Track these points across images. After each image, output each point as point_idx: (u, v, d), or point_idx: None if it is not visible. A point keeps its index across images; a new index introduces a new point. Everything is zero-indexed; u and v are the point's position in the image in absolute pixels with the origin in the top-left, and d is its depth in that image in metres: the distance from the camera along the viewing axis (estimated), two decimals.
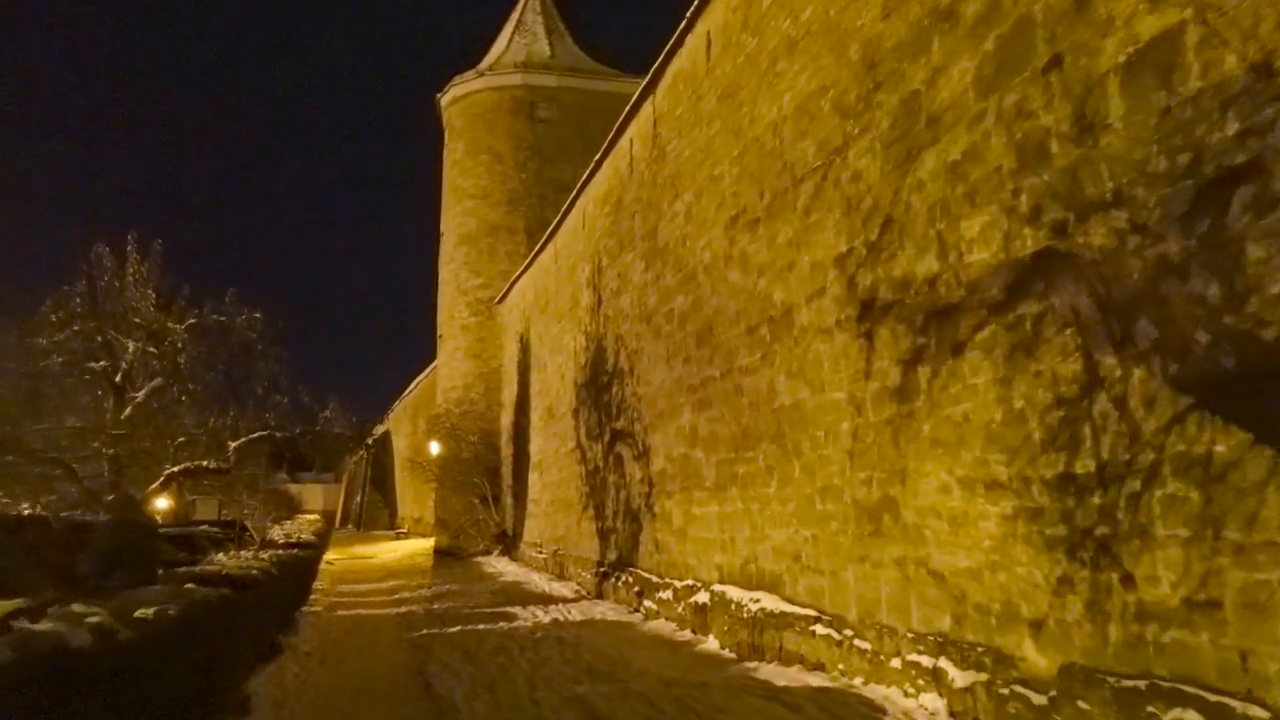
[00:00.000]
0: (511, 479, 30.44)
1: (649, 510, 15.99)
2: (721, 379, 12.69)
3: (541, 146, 34.76)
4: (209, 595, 5.78)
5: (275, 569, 9.89)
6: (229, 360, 19.48)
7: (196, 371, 19.13)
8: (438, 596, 20.83)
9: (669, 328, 15.12)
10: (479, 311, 34.33)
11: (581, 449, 21.21)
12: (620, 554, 17.77)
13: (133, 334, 19.37)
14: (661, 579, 14.98)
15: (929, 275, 7.79)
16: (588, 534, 20.40)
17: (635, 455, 16.89)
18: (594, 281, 20.50)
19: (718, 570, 12.65)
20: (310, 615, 17.74)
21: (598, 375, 19.83)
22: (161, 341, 18.82)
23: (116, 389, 19.17)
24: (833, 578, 9.36)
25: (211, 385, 19.67)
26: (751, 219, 11.78)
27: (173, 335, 18.43)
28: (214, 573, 7.50)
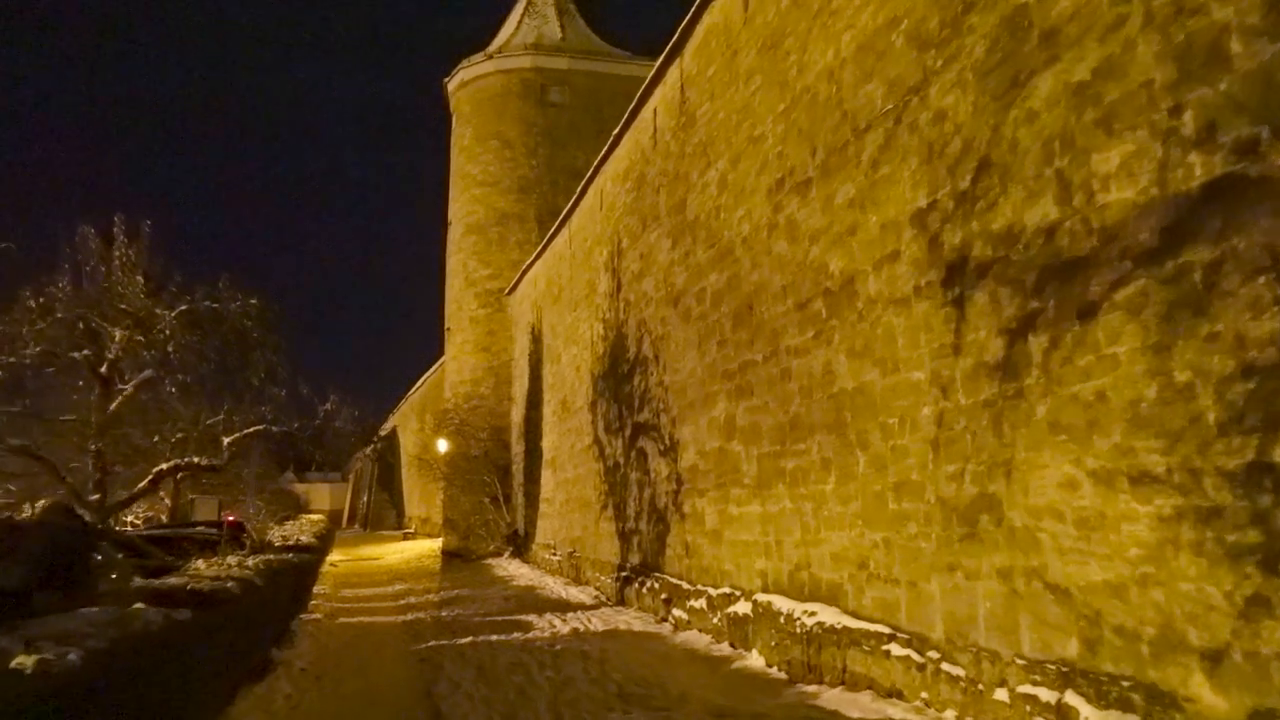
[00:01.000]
0: (523, 477, 29.09)
1: (677, 510, 14.62)
2: (764, 363, 11.32)
3: (553, 131, 33.40)
4: (155, 622, 4.46)
5: (261, 579, 8.54)
6: (222, 350, 18.13)
7: (187, 362, 17.78)
8: (447, 602, 19.52)
9: (700, 309, 13.75)
10: (488, 303, 32.97)
11: (599, 444, 19.86)
12: (644, 558, 16.41)
13: (120, 321, 18.05)
14: (693, 586, 13.61)
15: (1044, 224, 6.41)
16: (607, 535, 19.05)
17: (661, 450, 15.52)
18: (613, 265, 19.14)
19: (760, 577, 11.28)
20: (309, 624, 16.43)
21: (618, 365, 18.47)
22: (150, 329, 17.49)
23: (102, 380, 17.86)
24: (911, 589, 7.98)
25: (204, 377, 18.32)
26: (801, 181, 10.40)
27: (162, 322, 17.08)
28: (177, 587, 6.17)
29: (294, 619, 15.89)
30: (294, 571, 12.46)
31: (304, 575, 14.75)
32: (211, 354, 17.78)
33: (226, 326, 18.18)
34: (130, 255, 18.55)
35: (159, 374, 18.81)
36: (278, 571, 10.63)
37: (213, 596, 6.25)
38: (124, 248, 18.49)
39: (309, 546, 17.62)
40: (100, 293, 18.17)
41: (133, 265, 18.54)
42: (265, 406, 18.48)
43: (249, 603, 7.30)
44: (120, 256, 18.40)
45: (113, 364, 18.17)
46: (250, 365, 18.36)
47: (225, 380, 18.59)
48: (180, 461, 17.60)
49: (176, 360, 17.48)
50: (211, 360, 17.79)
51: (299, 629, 15.30)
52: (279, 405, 18.69)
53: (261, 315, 18.46)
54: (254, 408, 18.54)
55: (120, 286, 18.13)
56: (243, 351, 18.26)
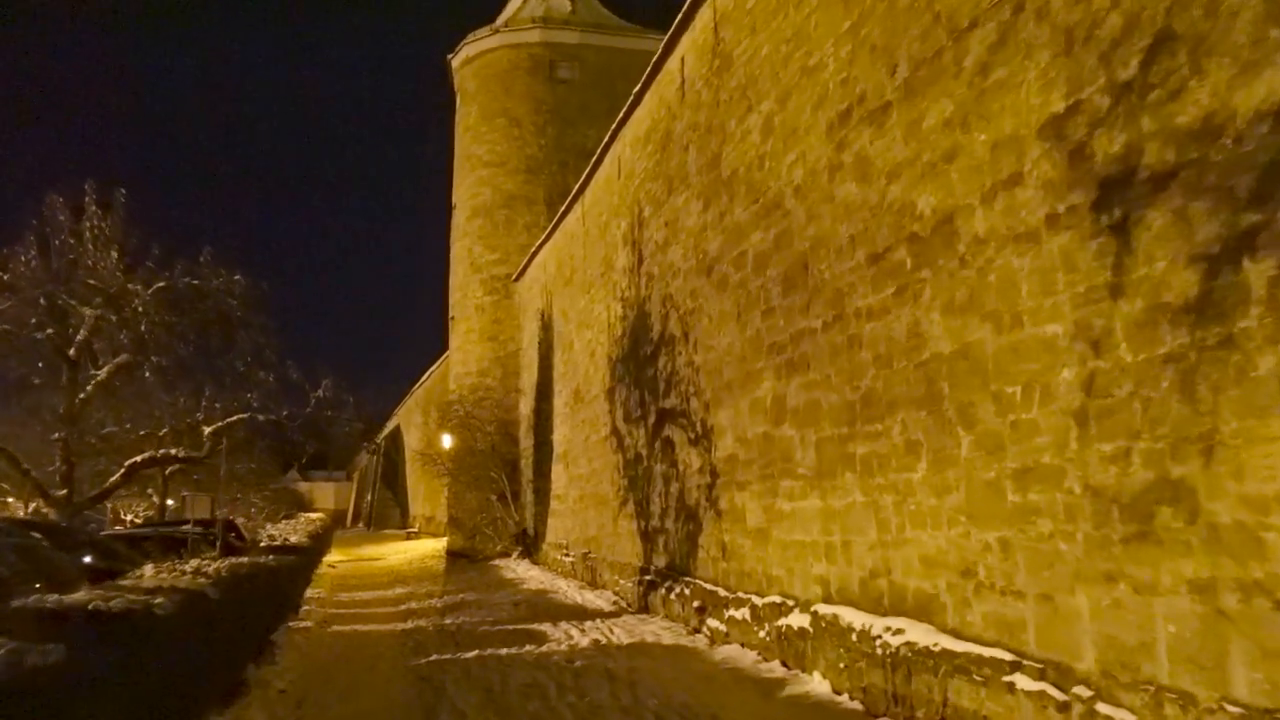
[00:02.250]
0: (532, 473, 27.36)
1: (711, 506, 12.86)
2: (824, 331, 9.55)
3: (562, 109, 31.64)
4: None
5: (219, 589, 6.80)
6: (203, 330, 16.41)
7: (164, 344, 16.06)
8: (451, 608, 17.78)
9: (740, 276, 11.99)
10: (495, 290, 31.22)
11: (618, 435, 18.11)
12: (671, 560, 14.66)
13: (90, 300, 16.35)
14: (732, 593, 11.85)
15: (1270, 104, 4.63)
16: (627, 535, 17.30)
17: (692, 439, 13.76)
18: (633, 237, 17.38)
19: (820, 585, 9.52)
20: (298, 633, 14.70)
21: (639, 347, 16.72)
22: (122, 308, 15.79)
23: (70, 363, 16.15)
24: (1043, 604, 6.20)
25: (183, 360, 16.60)
26: (875, 108, 8.63)
27: (135, 299, 15.38)
28: (76, 606, 4.44)
29: (278, 628, 14.17)
30: (271, 577, 10.72)
31: (289, 579, 13.01)
32: (191, 335, 16.07)
33: (208, 305, 16.48)
34: (104, 228, 16.85)
35: (136, 358, 17.10)
36: (248, 578, 8.88)
37: (123, 618, 4.51)
38: (96, 219, 16.79)
39: (298, 547, 15.90)
40: (68, 268, 16.49)
41: (106, 239, 16.85)
42: (251, 393, 16.74)
43: (189, 621, 5.55)
44: (92, 229, 16.71)
45: (82, 346, 16.48)
46: (234, 348, 16.64)
47: (207, 365, 16.88)
48: (156, 453, 15.90)
49: (152, 342, 15.74)
50: (191, 342, 16.07)
51: (284, 640, 13.57)
52: (267, 392, 16.96)
53: (246, 294, 16.74)
54: (239, 394, 16.81)
55: (91, 261, 16.44)
56: (226, 333, 16.57)
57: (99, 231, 16.73)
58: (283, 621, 14.63)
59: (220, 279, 16.45)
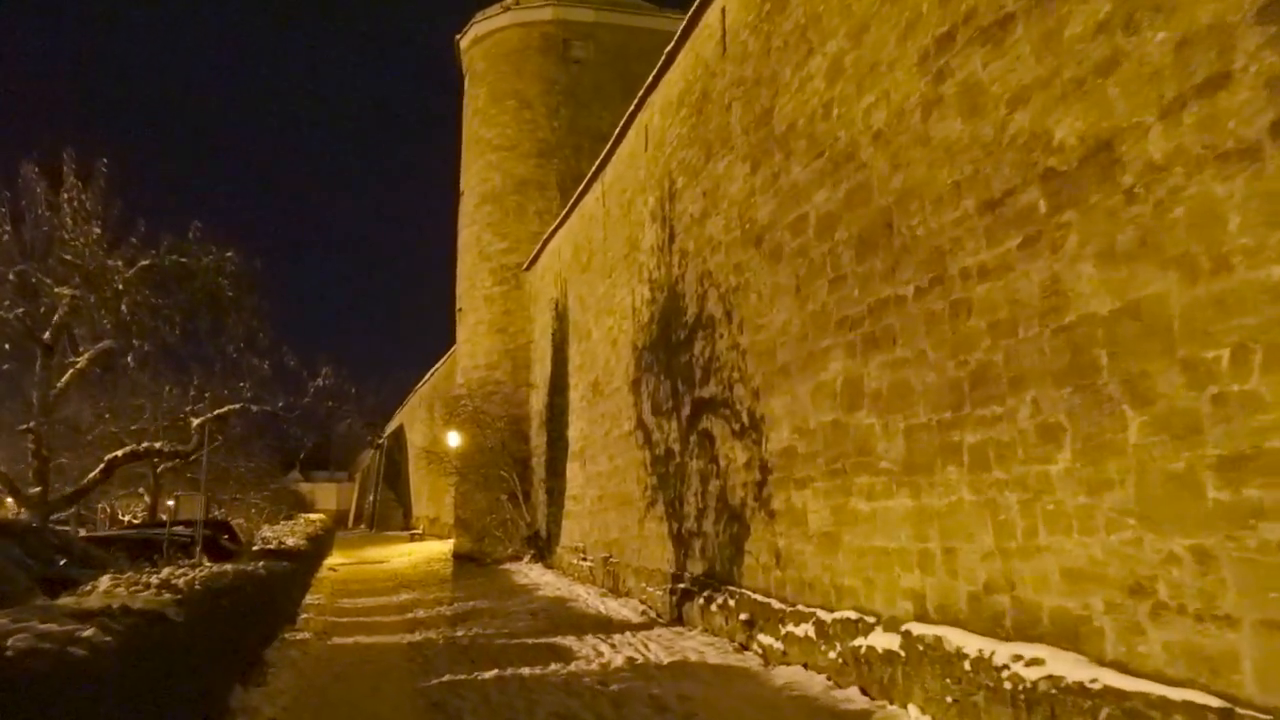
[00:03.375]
0: (545, 472, 25.85)
1: (761, 507, 11.36)
2: (917, 298, 8.05)
3: (576, 91, 30.15)
4: None
5: (181, 610, 5.32)
6: (190, 312, 14.90)
7: (148, 327, 14.55)
8: (462, 617, 16.29)
9: (799, 243, 10.49)
10: (505, 280, 29.71)
11: (645, 429, 16.61)
12: (710, 566, 13.15)
13: (67, 279, 14.85)
14: (790, 605, 10.34)
15: None
16: (655, 538, 15.80)
17: (736, 431, 12.26)
18: (663, 212, 15.88)
19: (911, 599, 8.01)
20: (294, 646, 13.21)
21: (670, 332, 15.22)
22: (101, 288, 14.30)
23: (45, 348, 14.65)
24: (1267, 634, 4.70)
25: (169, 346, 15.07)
26: (991, 22, 7.13)
27: (114, 276, 13.89)
28: None
29: (272, 642, 12.69)
30: (261, 587, 9.22)
31: (283, 588, 11.52)
32: (178, 318, 14.55)
33: (196, 285, 14.95)
34: (84, 201, 15.35)
35: (119, 344, 15.60)
36: (230, 590, 7.39)
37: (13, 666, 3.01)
38: (76, 190, 15.29)
39: (294, 551, 14.41)
40: (43, 242, 15.00)
41: (87, 213, 15.34)
42: (244, 382, 15.22)
43: (135, 657, 4.06)
44: (71, 201, 15.21)
45: (59, 330, 14.98)
46: (225, 332, 15.13)
47: (195, 351, 15.37)
48: (138, 447, 14.41)
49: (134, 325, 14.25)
50: (177, 325, 14.55)
51: (278, 656, 12.08)
52: (261, 381, 15.44)
53: (239, 272, 15.24)
54: (230, 383, 15.29)
55: (68, 235, 14.95)
56: (215, 315, 15.04)
57: (79, 204, 15.21)
58: (277, 634, 13.15)
59: (211, 256, 14.93)
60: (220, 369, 15.07)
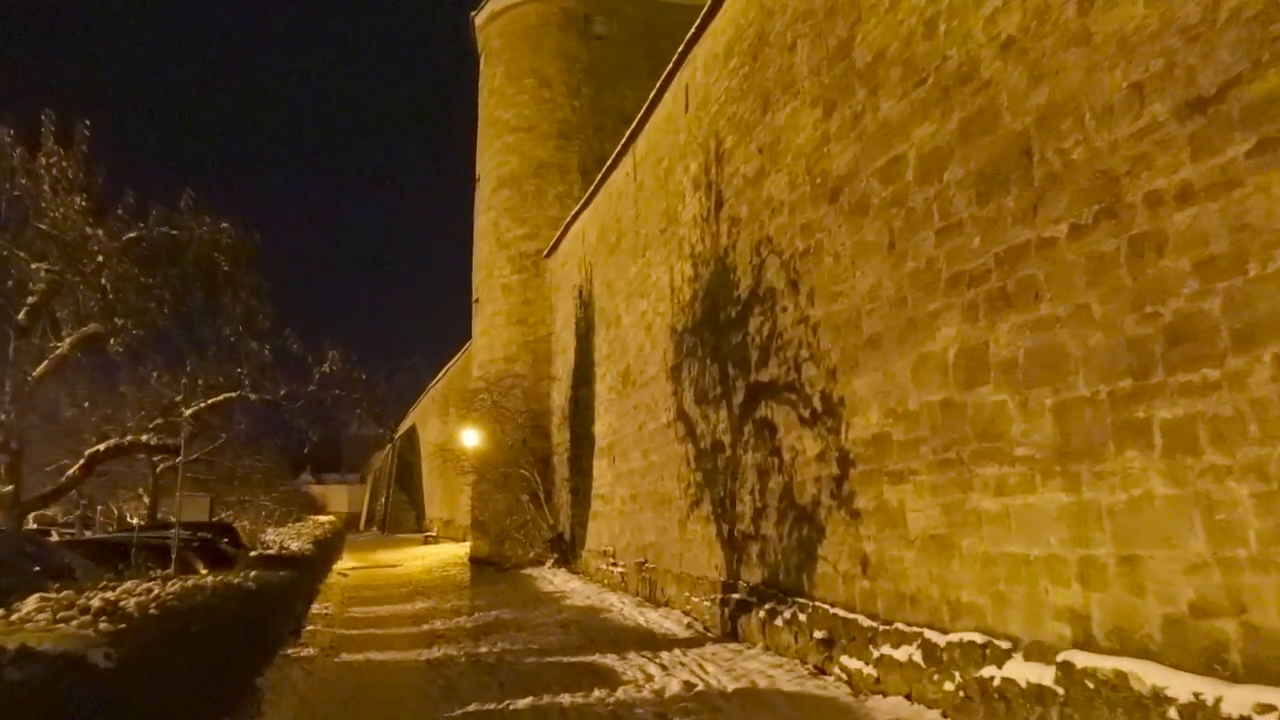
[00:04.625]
0: (568, 470, 24.18)
1: (841, 504, 9.66)
2: (1073, 238, 6.36)
3: (598, 69, 28.52)
4: None
5: (108, 656, 3.69)
6: (182, 291, 13.29)
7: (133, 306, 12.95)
8: (484, 630, 14.65)
9: (892, 190, 8.80)
10: (524, 268, 28.07)
11: (686, 420, 14.94)
12: (772, 574, 11.47)
13: (46, 255, 13.30)
14: (883, 623, 8.65)
15: None
16: (701, 542, 14.12)
17: (805, 417, 10.57)
18: (707, 178, 14.22)
19: (1068, 621, 6.31)
20: (297, 664, 11.59)
21: (718, 310, 13.55)
22: (81, 261, 12.72)
23: (20, 331, 13.08)
24: None
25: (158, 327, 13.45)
26: None
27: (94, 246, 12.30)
28: None
29: (271, 661, 11.08)
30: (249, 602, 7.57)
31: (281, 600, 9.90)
32: (167, 296, 12.94)
33: (188, 259, 13.35)
34: (65, 168, 13.77)
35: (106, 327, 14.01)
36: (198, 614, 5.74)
37: None
38: (56, 156, 13.72)
39: (297, 557, 12.79)
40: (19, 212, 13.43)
41: (69, 182, 13.77)
42: (241, 369, 13.59)
43: None
44: (53, 167, 13.64)
45: (36, 310, 13.42)
46: (220, 312, 13.51)
47: (187, 334, 13.76)
48: (123, 441, 12.81)
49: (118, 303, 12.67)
50: (167, 302, 12.94)
51: (277, 679, 10.47)
52: (261, 368, 13.80)
53: (235, 246, 13.63)
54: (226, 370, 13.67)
55: (45, 205, 13.38)
56: (209, 293, 13.43)
57: (60, 172, 13.63)
58: (277, 652, 11.54)
59: (205, 227, 13.33)
60: (215, 353, 13.46)
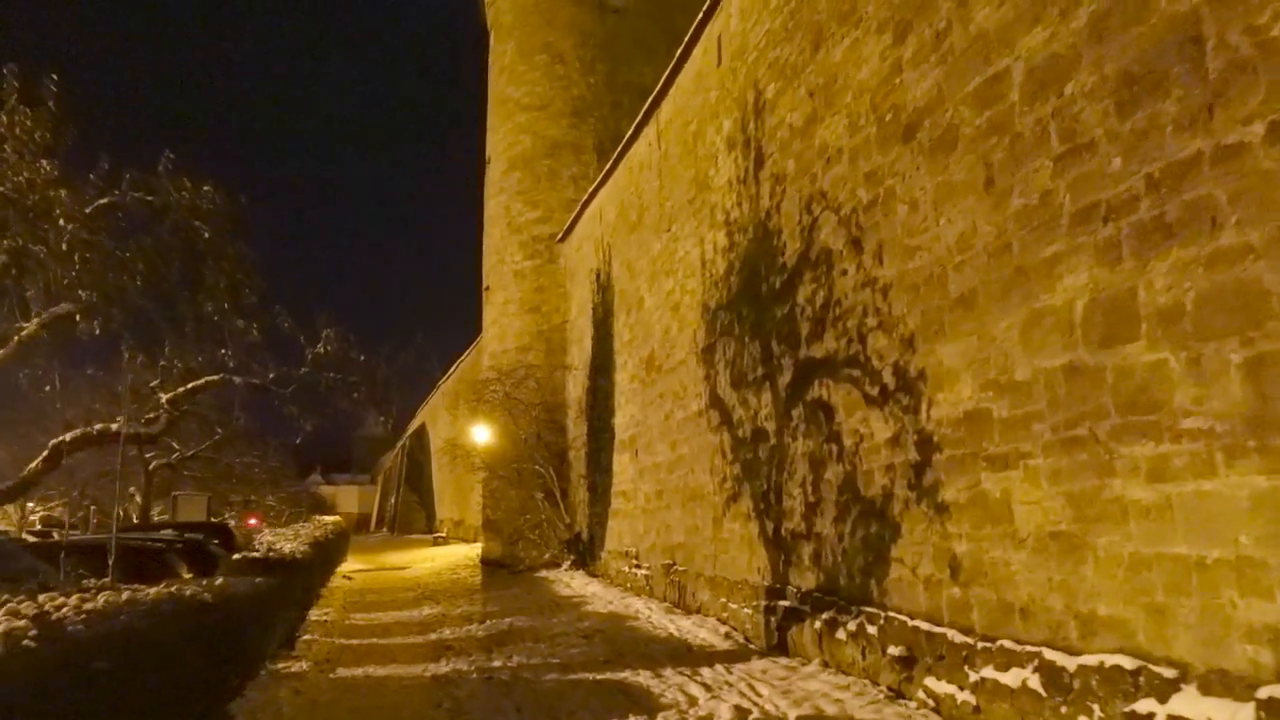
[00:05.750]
0: (585, 466, 22.69)
1: (921, 497, 8.14)
2: (1272, 144, 4.84)
3: (614, 43, 27.02)
4: None
5: None
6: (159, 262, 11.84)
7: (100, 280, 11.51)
8: (498, 640, 13.19)
9: (990, 115, 7.28)
10: (536, 253, 26.60)
11: (721, 407, 13.44)
12: (829, 578, 9.94)
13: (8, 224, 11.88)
14: (981, 639, 7.13)
15: None
16: (740, 541, 12.62)
17: (872, 396, 9.05)
18: (744, 134, 12.71)
19: (1268, 642, 4.79)
20: (286, 682, 10.16)
21: (759, 281, 12.04)
22: (44, 229, 11.29)
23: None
24: None
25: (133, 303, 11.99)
26: None
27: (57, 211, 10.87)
28: None
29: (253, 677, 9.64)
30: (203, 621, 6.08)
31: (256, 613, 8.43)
32: (140, 267, 11.50)
33: (165, 227, 11.91)
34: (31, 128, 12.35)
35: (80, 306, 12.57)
36: (112, 644, 4.26)
37: None
38: (21, 115, 12.30)
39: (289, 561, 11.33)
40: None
41: (34, 144, 12.35)
42: (225, 349, 12.13)
43: None
44: (16, 125, 12.22)
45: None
46: (202, 286, 12.05)
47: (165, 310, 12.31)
48: (91, 430, 11.35)
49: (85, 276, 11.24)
50: (140, 274, 11.49)
51: (261, 699, 9.04)
52: (247, 347, 12.33)
53: (218, 212, 12.19)
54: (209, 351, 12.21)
55: (8, 168, 11.96)
56: (189, 265, 11.98)
57: (24, 132, 12.20)
58: (259, 669, 10.08)
59: (185, 192, 11.88)
60: (194, 331, 11.99)
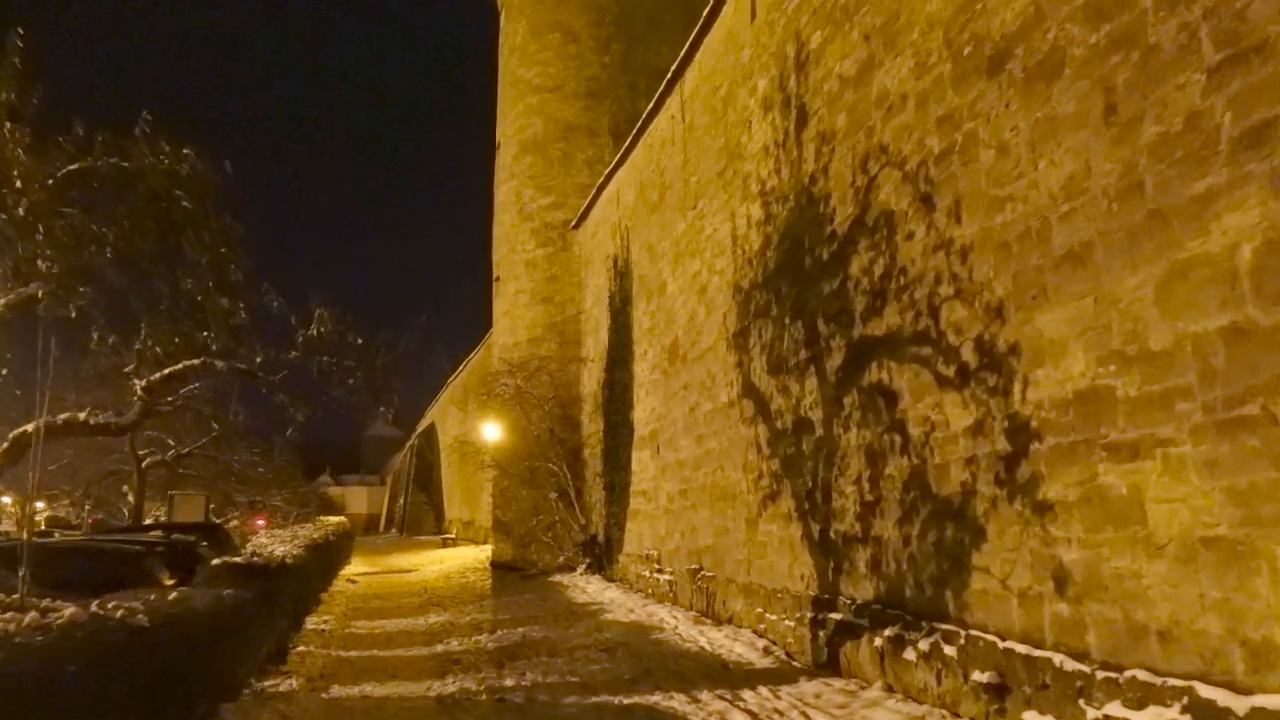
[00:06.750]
0: (601, 464, 21.42)
1: (1015, 494, 6.84)
2: None
3: (629, 21, 25.74)
4: None
5: None
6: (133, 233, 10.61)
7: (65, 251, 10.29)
8: (510, 653, 11.94)
9: (1108, 32, 5.98)
10: (549, 241, 25.35)
11: (756, 396, 12.15)
12: (890, 588, 8.64)
13: None
14: (1106, 668, 5.81)
15: None
16: (778, 545, 11.33)
17: (948, 377, 7.75)
18: (784, 92, 11.43)
19: None
20: (271, 704, 8.92)
21: (801, 253, 10.75)
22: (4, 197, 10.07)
23: None
24: None
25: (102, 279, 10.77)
26: None
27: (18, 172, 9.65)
28: None
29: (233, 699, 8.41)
30: (126, 655, 4.83)
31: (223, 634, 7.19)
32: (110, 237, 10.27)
33: (141, 194, 10.68)
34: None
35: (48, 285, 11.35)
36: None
37: None
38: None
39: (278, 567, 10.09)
40: None
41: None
42: (208, 333, 10.91)
43: None
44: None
45: None
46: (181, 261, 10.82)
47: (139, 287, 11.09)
48: (55, 419, 10.13)
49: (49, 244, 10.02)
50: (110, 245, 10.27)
51: None
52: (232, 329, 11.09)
53: (199, 178, 10.96)
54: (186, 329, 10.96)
55: None
56: (167, 237, 10.75)
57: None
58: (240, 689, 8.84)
59: (162, 157, 10.65)
60: (169, 309, 10.75)
